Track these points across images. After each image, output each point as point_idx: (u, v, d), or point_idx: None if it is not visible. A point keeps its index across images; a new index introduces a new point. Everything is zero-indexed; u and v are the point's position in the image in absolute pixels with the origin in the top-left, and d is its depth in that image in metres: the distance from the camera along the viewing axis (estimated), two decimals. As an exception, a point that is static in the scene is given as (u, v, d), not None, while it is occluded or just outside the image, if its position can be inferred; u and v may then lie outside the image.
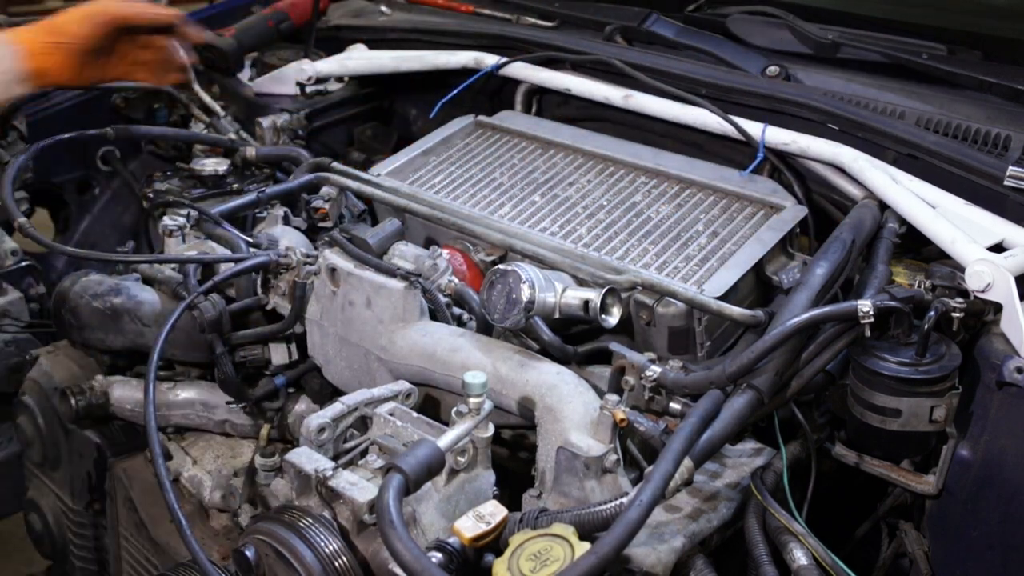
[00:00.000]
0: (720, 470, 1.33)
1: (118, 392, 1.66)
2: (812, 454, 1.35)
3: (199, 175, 1.98)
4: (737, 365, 1.23)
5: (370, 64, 2.20)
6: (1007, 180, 1.44)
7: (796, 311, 1.30)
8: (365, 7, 2.49)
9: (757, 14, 2.01)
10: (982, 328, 1.34)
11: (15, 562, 2.84)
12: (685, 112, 1.81)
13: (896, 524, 1.44)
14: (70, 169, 2.20)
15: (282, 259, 1.58)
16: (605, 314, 1.38)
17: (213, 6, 2.51)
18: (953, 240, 1.40)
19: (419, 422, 1.29)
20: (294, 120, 2.14)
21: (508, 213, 1.68)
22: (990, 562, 1.27)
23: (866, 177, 1.58)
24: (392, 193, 1.75)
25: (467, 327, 1.53)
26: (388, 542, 1.03)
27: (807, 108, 1.71)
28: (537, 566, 1.04)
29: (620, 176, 1.76)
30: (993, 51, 1.82)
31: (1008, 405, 1.25)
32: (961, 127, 1.63)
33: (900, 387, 1.24)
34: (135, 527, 1.67)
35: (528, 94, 2.07)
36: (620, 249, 1.56)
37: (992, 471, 1.26)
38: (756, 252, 1.52)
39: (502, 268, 1.38)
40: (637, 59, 1.90)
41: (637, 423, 1.23)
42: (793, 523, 1.19)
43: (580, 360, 1.48)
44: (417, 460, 1.12)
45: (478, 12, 2.30)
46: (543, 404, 1.31)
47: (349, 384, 1.55)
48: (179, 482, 1.60)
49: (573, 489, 1.22)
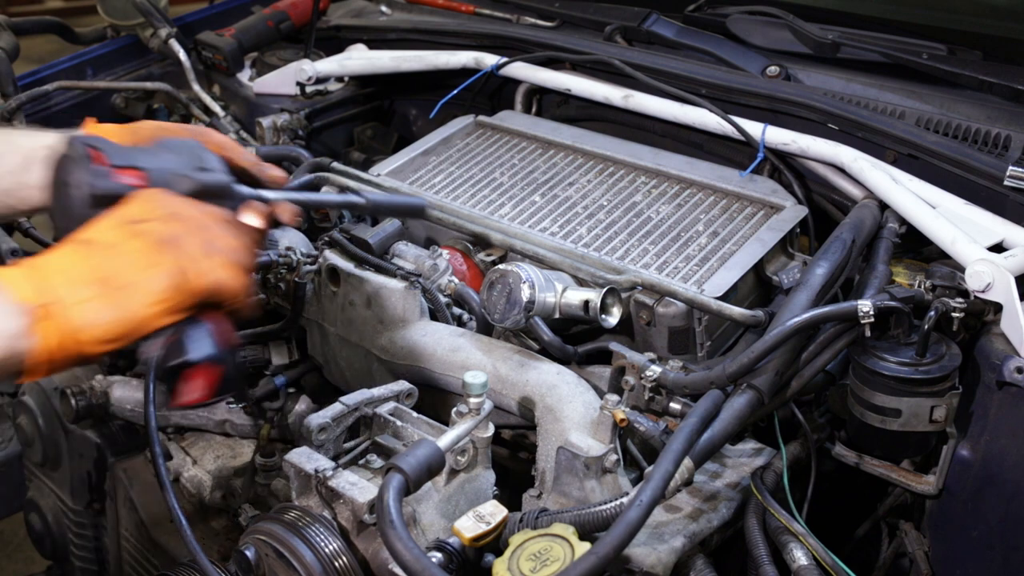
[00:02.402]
0: (720, 470, 1.33)
1: (118, 392, 1.66)
2: (812, 454, 1.35)
3: (199, 175, 1.98)
4: (737, 365, 1.23)
5: (370, 64, 2.20)
6: (1007, 180, 1.44)
7: (796, 311, 1.30)
8: (365, 7, 2.49)
9: (757, 14, 2.01)
10: (982, 328, 1.35)
11: (15, 562, 2.84)
12: (685, 112, 1.81)
13: (896, 524, 1.44)
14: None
15: (282, 259, 1.58)
16: (605, 314, 1.38)
17: (213, 6, 2.51)
18: (953, 240, 1.40)
19: (419, 422, 1.29)
20: (294, 120, 2.14)
21: (508, 213, 1.68)
22: (990, 562, 1.27)
23: (866, 177, 1.58)
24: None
25: (467, 327, 1.53)
26: (388, 542, 1.03)
27: (807, 108, 1.71)
28: (537, 566, 1.04)
29: (620, 176, 1.76)
30: (993, 51, 1.81)
31: (1008, 405, 1.25)
32: (961, 127, 1.63)
33: (900, 387, 1.24)
34: (135, 527, 1.67)
35: (528, 94, 2.07)
36: (620, 249, 1.56)
37: (992, 471, 1.26)
38: (756, 252, 1.52)
39: (502, 268, 1.38)
40: (637, 59, 1.91)
41: (637, 423, 1.23)
42: (793, 523, 1.19)
43: (580, 360, 1.48)
44: (417, 460, 1.12)
45: (478, 12, 2.30)
46: (543, 404, 1.31)
47: (349, 384, 1.55)
48: (179, 482, 1.60)
49: (573, 489, 1.22)
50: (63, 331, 0.96)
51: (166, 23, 2.27)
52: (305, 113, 2.16)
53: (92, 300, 0.97)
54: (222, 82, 2.34)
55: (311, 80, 2.19)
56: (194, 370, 1.05)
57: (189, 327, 1.04)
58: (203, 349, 1.05)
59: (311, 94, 2.22)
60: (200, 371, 1.05)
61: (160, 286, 1.01)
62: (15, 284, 0.95)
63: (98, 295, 0.98)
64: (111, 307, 0.98)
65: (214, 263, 1.05)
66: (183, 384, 1.06)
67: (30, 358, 0.95)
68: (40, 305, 0.95)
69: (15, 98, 1.99)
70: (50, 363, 0.96)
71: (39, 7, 7.25)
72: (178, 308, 1.03)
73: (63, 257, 1.00)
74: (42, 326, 0.95)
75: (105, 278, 0.99)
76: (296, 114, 2.15)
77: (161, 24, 2.25)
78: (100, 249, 1.01)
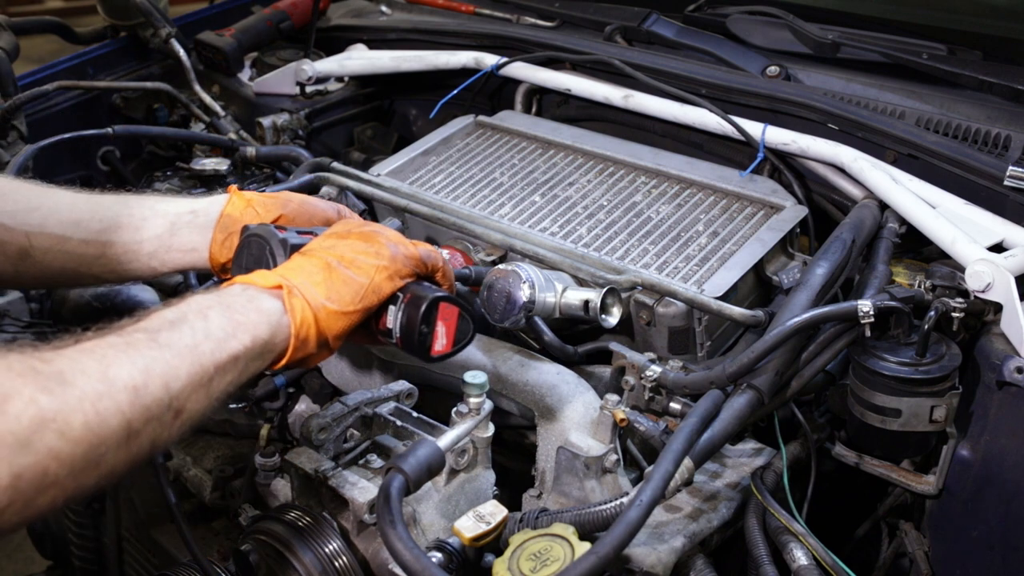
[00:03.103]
0: (720, 470, 1.33)
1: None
2: (812, 454, 1.35)
3: (199, 175, 1.98)
4: (737, 365, 1.23)
5: (370, 64, 2.20)
6: (1007, 180, 1.44)
7: (796, 311, 1.30)
8: (365, 7, 2.49)
9: (757, 14, 2.01)
10: (982, 328, 1.35)
11: (15, 562, 2.85)
12: (685, 112, 1.81)
13: (896, 524, 1.44)
14: (70, 169, 2.20)
15: (282, 259, 1.58)
16: (605, 314, 1.38)
17: (213, 6, 2.51)
18: (953, 240, 1.40)
19: (419, 422, 1.29)
20: (294, 120, 2.15)
21: (508, 213, 1.68)
22: (990, 562, 1.27)
23: (866, 177, 1.58)
24: (392, 193, 1.75)
25: (467, 327, 1.53)
26: (388, 542, 1.03)
27: (807, 108, 1.71)
28: (537, 566, 1.04)
29: (620, 176, 1.76)
30: (993, 51, 1.81)
31: (1008, 405, 1.25)
32: (961, 127, 1.63)
33: (900, 387, 1.24)
34: (135, 527, 1.67)
35: (528, 94, 2.07)
36: (620, 249, 1.56)
37: (992, 471, 1.26)
38: (756, 252, 1.52)
39: (502, 268, 1.38)
40: (637, 59, 1.91)
41: (637, 423, 1.23)
42: (793, 523, 1.19)
43: (580, 360, 1.48)
44: (417, 460, 1.12)
45: (478, 12, 2.30)
46: (543, 404, 1.31)
47: (349, 384, 1.55)
48: (179, 482, 1.60)
49: (573, 489, 1.22)
50: (309, 305, 1.09)
51: (166, 23, 2.26)
52: (305, 113, 2.17)
53: (326, 280, 1.12)
54: (222, 82, 2.34)
55: (311, 80, 2.19)
56: (437, 313, 1.17)
57: (414, 285, 1.18)
58: (435, 291, 1.18)
59: (311, 94, 2.22)
60: (441, 313, 1.17)
61: (379, 259, 1.16)
62: (260, 279, 1.10)
63: (330, 275, 1.12)
64: (343, 281, 1.13)
65: (413, 244, 1.23)
66: (431, 335, 1.17)
67: (285, 335, 1.07)
68: (287, 287, 1.09)
69: (15, 98, 1.98)
70: (304, 341, 1.09)
71: (39, 7, 7.25)
72: (398, 276, 1.17)
73: (291, 262, 1.16)
74: (294, 302, 1.08)
75: (332, 263, 1.14)
76: (296, 114, 2.15)
77: (161, 24, 2.25)
78: (320, 251, 1.16)
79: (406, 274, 1.18)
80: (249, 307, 1.05)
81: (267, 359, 1.07)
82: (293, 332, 1.07)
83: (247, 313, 1.04)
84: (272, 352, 1.07)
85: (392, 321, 1.17)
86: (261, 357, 1.05)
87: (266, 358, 1.07)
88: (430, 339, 1.17)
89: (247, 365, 1.03)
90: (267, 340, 1.05)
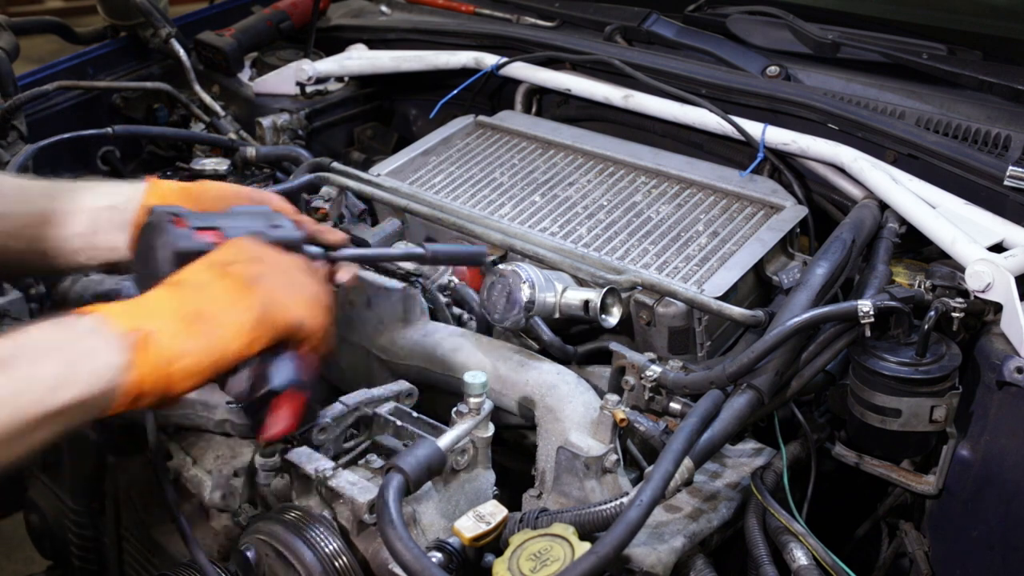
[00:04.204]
0: (720, 470, 1.33)
1: (118, 392, 1.65)
2: (812, 454, 1.35)
3: (199, 175, 1.98)
4: (737, 365, 1.23)
5: (370, 64, 2.20)
6: (1007, 180, 1.44)
7: (796, 311, 1.30)
8: (365, 7, 2.49)
9: (757, 14, 2.01)
10: (982, 328, 1.35)
11: (15, 562, 2.84)
12: (685, 112, 1.81)
13: (896, 524, 1.44)
14: (70, 169, 2.20)
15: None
16: (605, 314, 1.38)
17: (213, 6, 2.51)
18: (953, 240, 1.40)
19: (419, 422, 1.29)
20: (294, 120, 2.14)
21: (508, 213, 1.68)
22: (990, 562, 1.27)
23: (866, 177, 1.58)
24: (392, 193, 1.75)
25: (467, 327, 1.53)
26: (388, 542, 1.03)
27: (807, 108, 1.71)
28: (537, 566, 1.04)
29: (620, 176, 1.76)
30: (993, 51, 1.81)
31: (1008, 405, 1.25)
32: (961, 127, 1.63)
33: (900, 387, 1.24)
34: (135, 527, 1.67)
35: (528, 94, 2.07)
36: (620, 249, 1.56)
37: (992, 471, 1.26)
38: (756, 252, 1.52)
39: (502, 268, 1.38)
40: (637, 59, 1.91)
41: (637, 423, 1.23)
42: (793, 523, 1.19)
43: (580, 360, 1.48)
44: (417, 460, 1.12)
45: (478, 12, 2.30)
46: (543, 404, 1.31)
47: (349, 384, 1.55)
48: (179, 482, 1.60)
49: (573, 489, 1.22)
50: (156, 362, 1.00)
51: (166, 23, 2.26)
52: (305, 113, 2.16)
53: (184, 332, 1.02)
54: (222, 82, 2.34)
55: (311, 80, 2.18)
56: (280, 399, 1.11)
57: (273, 358, 1.10)
58: (287, 375, 1.10)
59: (311, 94, 2.22)
60: (285, 399, 1.11)
61: (246, 320, 1.06)
62: (116, 317, 1.00)
63: (189, 328, 1.02)
64: (201, 339, 1.03)
65: (296, 301, 1.11)
66: (270, 415, 1.11)
67: (121, 391, 0.98)
68: (137, 335, 0.99)
69: (15, 98, 1.98)
70: (138, 397, 0.99)
71: (39, 7, 7.24)
72: (262, 341, 1.08)
73: (157, 296, 1.06)
74: (139, 356, 0.99)
75: (196, 313, 1.04)
76: (296, 114, 2.15)
77: (161, 24, 2.25)
78: (191, 288, 1.07)
79: (266, 342, 1.08)
80: (91, 356, 0.97)
81: (97, 410, 0.98)
82: (133, 388, 0.98)
83: (86, 363, 0.96)
84: (106, 402, 0.98)
85: (237, 387, 1.09)
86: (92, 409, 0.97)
87: (97, 409, 0.98)
88: (265, 422, 1.12)
89: (73, 417, 0.95)
90: (102, 392, 0.97)
